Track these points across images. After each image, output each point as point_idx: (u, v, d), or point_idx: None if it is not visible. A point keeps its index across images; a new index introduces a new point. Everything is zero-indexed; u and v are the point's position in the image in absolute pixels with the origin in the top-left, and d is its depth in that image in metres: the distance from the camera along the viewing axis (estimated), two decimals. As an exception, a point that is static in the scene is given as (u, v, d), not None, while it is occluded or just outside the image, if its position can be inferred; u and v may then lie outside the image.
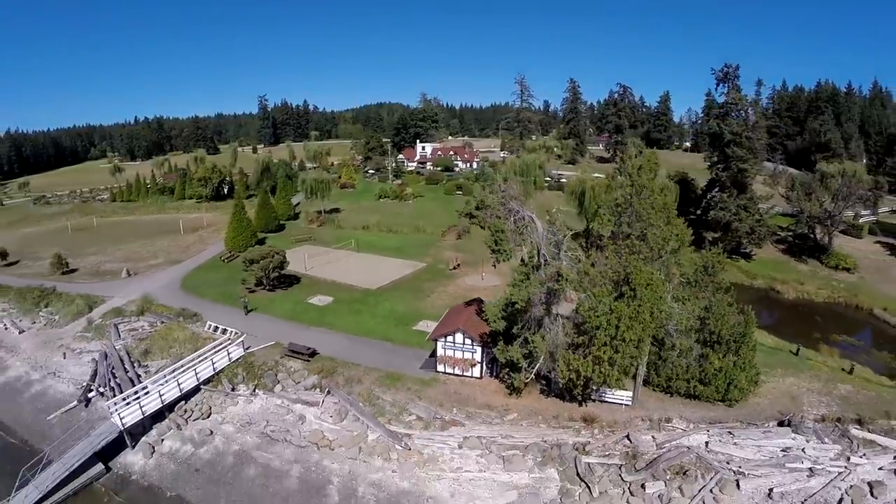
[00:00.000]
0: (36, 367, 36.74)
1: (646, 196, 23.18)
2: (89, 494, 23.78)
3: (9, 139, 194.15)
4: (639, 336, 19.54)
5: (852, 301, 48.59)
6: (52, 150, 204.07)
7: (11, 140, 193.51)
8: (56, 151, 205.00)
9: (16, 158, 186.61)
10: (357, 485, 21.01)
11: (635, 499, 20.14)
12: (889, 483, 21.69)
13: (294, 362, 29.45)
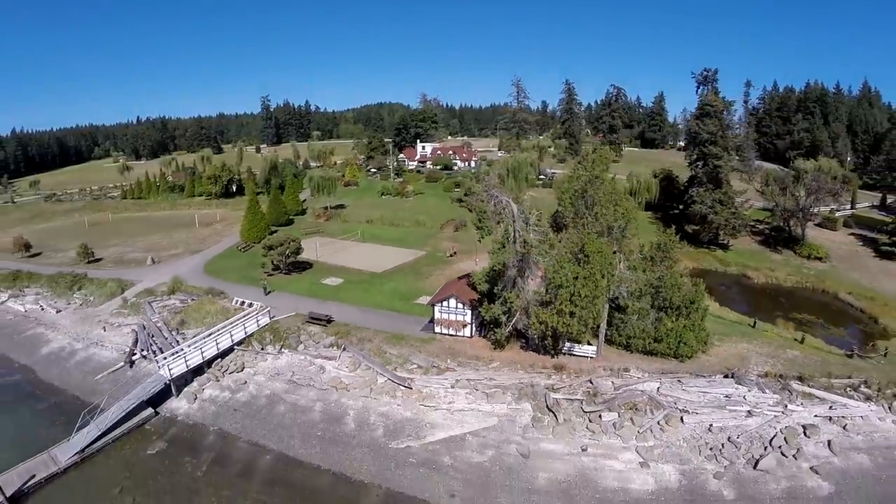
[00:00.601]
0: (78, 339, 42.28)
1: (598, 185, 28.78)
2: (141, 433, 29.24)
3: (15, 139, 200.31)
4: (592, 293, 25.08)
5: (819, 286, 53.72)
6: (57, 150, 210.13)
7: (17, 140, 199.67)
8: (61, 151, 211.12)
9: (22, 158, 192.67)
10: (369, 415, 26.58)
11: (593, 425, 25.66)
12: (823, 427, 26.83)
13: (313, 327, 35.10)
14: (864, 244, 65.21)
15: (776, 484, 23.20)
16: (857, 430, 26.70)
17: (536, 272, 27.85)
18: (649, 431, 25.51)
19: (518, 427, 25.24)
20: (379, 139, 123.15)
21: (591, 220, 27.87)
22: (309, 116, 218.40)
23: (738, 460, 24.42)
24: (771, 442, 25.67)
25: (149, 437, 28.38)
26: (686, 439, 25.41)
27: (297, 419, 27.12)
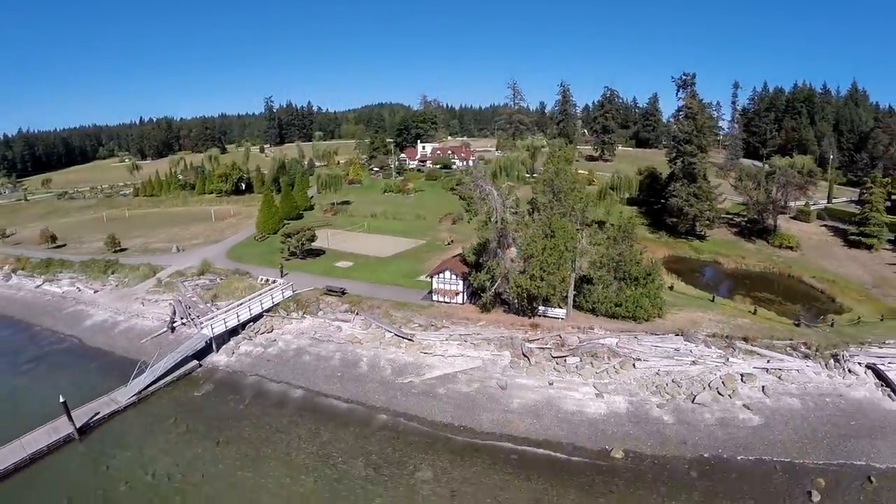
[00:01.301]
0: (118, 313, 49.25)
1: (562, 175, 35.68)
2: (188, 380, 36.11)
3: (22, 139, 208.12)
4: (557, 261, 31.97)
5: (786, 271, 60.24)
6: (63, 150, 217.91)
7: (25, 139, 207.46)
8: (66, 150, 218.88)
9: (29, 157, 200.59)
10: (379, 360, 33.53)
11: (559, 367, 32.50)
12: (759, 376, 33.34)
13: (330, 298, 42.07)
14: (835, 235, 71.54)
15: (710, 414, 29.78)
16: (791, 380, 33.16)
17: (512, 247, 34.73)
18: (606, 373, 32.30)
19: (498, 368, 32.10)
20: (381, 139, 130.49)
21: (557, 205, 34.70)
22: (311, 117, 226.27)
23: (679, 396, 31.10)
24: (710, 384, 32.32)
25: (196, 383, 35.28)
26: (636, 379, 32.17)
27: (320, 365, 34.03)
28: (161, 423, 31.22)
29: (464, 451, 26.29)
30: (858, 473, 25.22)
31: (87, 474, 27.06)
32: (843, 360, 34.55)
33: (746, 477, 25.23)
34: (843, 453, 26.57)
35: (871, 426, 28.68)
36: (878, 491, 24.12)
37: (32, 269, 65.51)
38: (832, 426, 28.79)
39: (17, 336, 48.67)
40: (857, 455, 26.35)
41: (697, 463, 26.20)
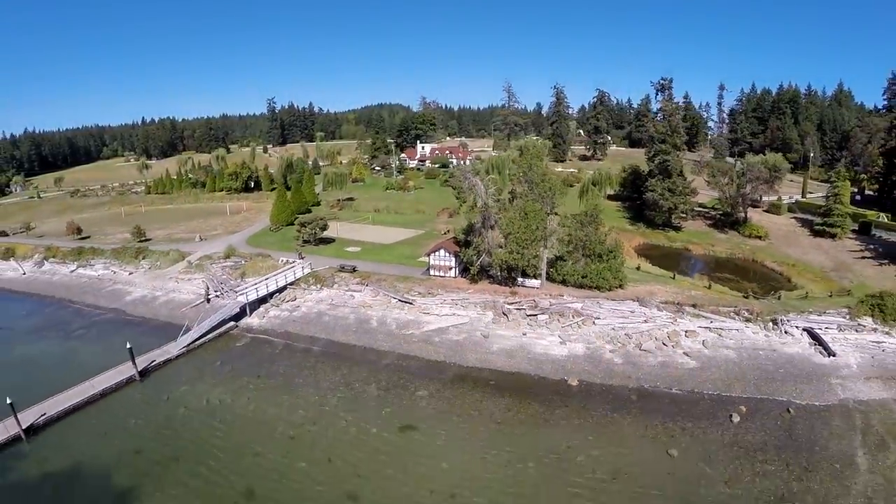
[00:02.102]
0: (155, 290, 57.89)
1: (534, 168, 44.37)
2: (227, 337, 44.75)
3: (28, 139, 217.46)
4: (530, 238, 40.54)
5: (750, 256, 68.41)
6: (68, 150, 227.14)
7: (31, 140, 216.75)
8: (71, 150, 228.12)
9: (36, 157, 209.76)
10: (386, 318, 42.27)
11: (532, 322, 41.06)
12: (702, 333, 41.45)
13: (343, 274, 50.82)
14: (803, 226, 79.49)
15: (654, 358, 38.22)
16: (730, 337, 41.40)
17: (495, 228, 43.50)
18: (570, 327, 40.89)
19: (482, 323, 40.77)
20: (382, 140, 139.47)
21: (531, 193, 43.32)
22: (313, 118, 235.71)
23: (629, 345, 39.60)
24: (657, 337, 40.77)
25: (234, 338, 43.96)
26: (595, 333, 40.71)
27: (337, 323, 42.73)
28: (209, 366, 39.85)
29: (453, 378, 34.95)
30: (779, 406, 32.69)
31: (151, 404, 35.43)
32: (781, 324, 42.64)
33: (678, 402, 33.55)
34: (767, 391, 34.28)
35: (797, 374, 36.20)
36: (794, 419, 31.40)
37: (64, 256, 74.13)
38: (761, 371, 36.73)
39: (62, 311, 57.13)
40: (780, 393, 33.98)
41: (638, 391, 34.69)
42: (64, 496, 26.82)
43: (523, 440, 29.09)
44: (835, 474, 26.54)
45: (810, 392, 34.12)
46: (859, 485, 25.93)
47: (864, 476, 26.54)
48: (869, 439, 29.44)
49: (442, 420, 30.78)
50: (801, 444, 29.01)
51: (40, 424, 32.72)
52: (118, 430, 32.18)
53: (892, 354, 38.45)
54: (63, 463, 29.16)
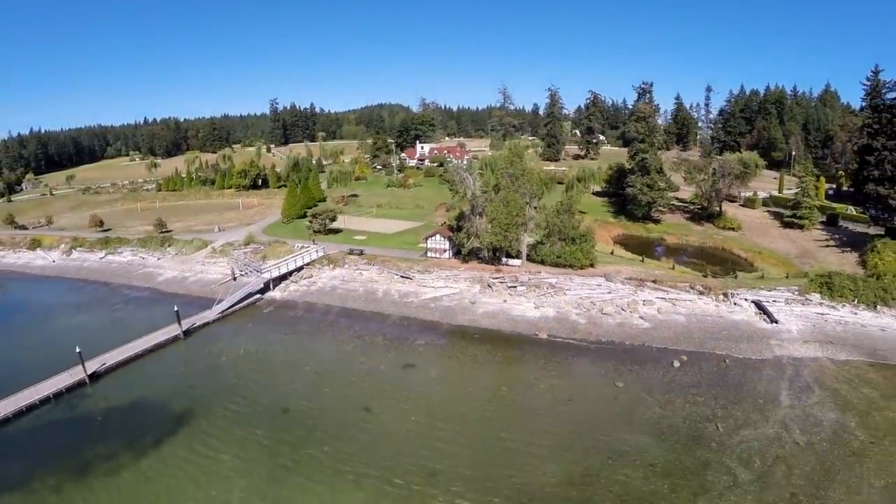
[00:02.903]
0: (185, 272, 67.22)
1: (515, 165, 53.85)
2: (254, 306, 54.15)
3: (35, 138, 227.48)
4: (511, 223, 50.04)
5: (720, 245, 77.20)
6: (73, 149, 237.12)
7: (38, 139, 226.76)
8: (76, 150, 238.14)
9: (42, 156, 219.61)
10: (390, 290, 51.80)
11: (512, 292, 50.40)
12: (658, 303, 50.64)
13: (352, 256, 60.35)
14: (775, 218, 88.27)
15: (613, 320, 47.37)
16: (683, 306, 50.51)
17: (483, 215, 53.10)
18: (543, 296, 50.24)
19: (470, 293, 50.24)
20: (383, 140, 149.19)
21: (513, 185, 52.74)
22: (314, 118, 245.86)
23: (593, 310, 48.82)
24: (617, 305, 49.98)
25: (260, 307, 53.44)
26: (564, 301, 50.01)
27: (349, 294, 52.27)
28: (242, 327, 49.32)
29: (445, 333, 44.46)
30: (717, 358, 41.07)
31: (196, 354, 44.75)
32: (731, 297, 51.58)
33: (629, 352, 42.59)
34: (708, 346, 42.95)
35: (739, 335, 44.75)
36: (729, 367, 39.81)
37: (91, 245, 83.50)
38: (706, 332, 45.54)
39: (100, 291, 66.29)
40: (720, 349, 42.49)
41: (596, 343, 43.87)
42: (127, 422, 34.75)
43: (499, 374, 38.46)
44: (757, 407, 34.29)
45: (748, 349, 42.47)
46: (778, 415, 33.61)
47: (784, 410, 34.17)
48: (796, 384, 37.17)
49: (435, 361, 40.26)
50: (731, 385, 37.17)
51: (101, 372, 41.52)
52: (170, 374, 41.47)
53: (833, 324, 46.43)
54: (123, 399, 37.73)
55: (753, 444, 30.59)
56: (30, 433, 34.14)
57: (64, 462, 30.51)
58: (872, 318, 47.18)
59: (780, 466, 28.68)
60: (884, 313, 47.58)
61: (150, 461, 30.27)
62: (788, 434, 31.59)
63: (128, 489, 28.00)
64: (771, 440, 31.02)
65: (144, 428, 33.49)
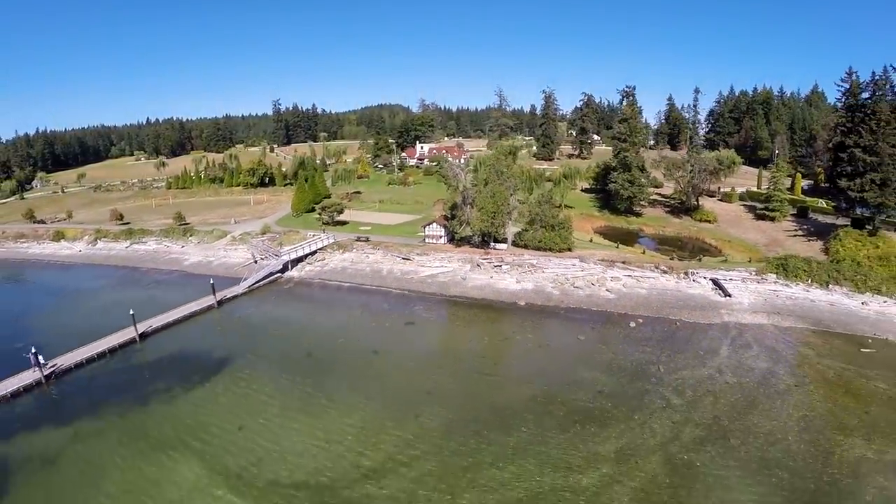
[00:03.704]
0: (209, 257, 77.09)
1: (501, 161, 63.98)
2: (275, 283, 64.00)
3: (41, 138, 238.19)
4: (497, 210, 60.01)
5: (694, 235, 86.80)
6: (78, 149, 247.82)
7: (44, 139, 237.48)
8: (81, 149, 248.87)
9: (49, 155, 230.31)
10: (393, 269, 61.92)
11: (497, 270, 60.30)
12: (624, 279, 60.58)
13: (359, 243, 70.46)
14: (749, 211, 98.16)
15: (583, 292, 57.20)
16: (646, 282, 60.20)
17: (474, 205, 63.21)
18: (525, 273, 60.15)
19: (462, 271, 60.18)
20: (385, 140, 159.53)
21: (499, 179, 62.81)
22: (316, 118, 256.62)
23: (566, 284, 58.66)
24: (588, 280, 59.85)
25: (281, 284, 63.40)
26: (542, 277, 59.89)
27: (357, 272, 62.27)
28: (265, 299, 59.19)
29: (440, 301, 54.52)
30: (670, 321, 50.41)
31: (229, 319, 54.48)
32: (690, 275, 61.56)
33: (593, 315, 52.25)
34: (663, 313, 52.35)
35: (693, 305, 54.25)
36: (679, 328, 49.09)
37: (114, 236, 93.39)
38: (663, 302, 55.20)
39: (131, 274, 75.66)
40: (674, 314, 51.84)
41: (566, 308, 53.65)
42: (175, 367, 43.74)
43: (483, 329, 48.45)
44: (698, 356, 43.25)
45: (700, 315, 51.59)
46: (715, 362, 42.19)
47: (721, 359, 42.84)
48: (737, 342, 45.68)
49: (431, 320, 50.37)
50: (678, 341, 46.43)
51: (149, 332, 50.90)
52: (209, 333, 51.24)
53: (784, 298, 55.29)
54: (171, 351, 46.88)
55: (688, 380, 39.41)
56: (95, 377, 42.75)
57: (125, 396, 38.86)
58: (822, 295, 55.60)
59: (709, 397, 37.15)
60: (835, 291, 56.11)
61: (198, 394, 39.15)
62: (721, 376, 40.16)
63: (180, 413, 36.32)
64: (704, 379, 39.72)
65: (191, 371, 42.53)
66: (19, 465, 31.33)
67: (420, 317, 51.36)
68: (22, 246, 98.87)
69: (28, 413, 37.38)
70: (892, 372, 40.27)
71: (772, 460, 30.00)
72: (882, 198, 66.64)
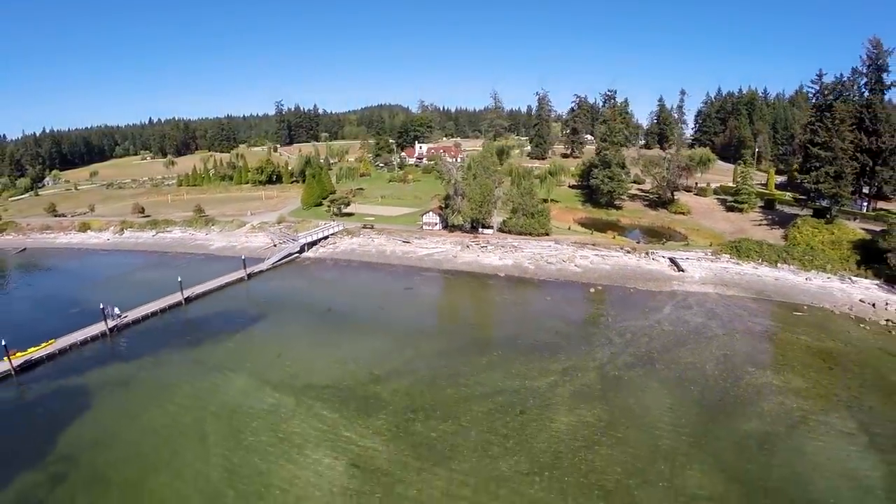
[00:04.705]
0: (232, 242, 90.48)
1: (486, 159, 77.36)
2: (294, 262, 77.42)
3: (49, 137, 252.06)
4: (483, 199, 73.28)
5: (667, 225, 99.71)
6: (84, 148, 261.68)
7: (52, 138, 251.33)
8: (87, 149, 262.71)
9: (56, 154, 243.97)
10: (395, 250, 75.91)
11: (483, 250, 73.54)
12: (592, 258, 73.79)
13: (365, 229, 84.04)
14: (721, 204, 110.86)
15: (554, 268, 70.51)
16: (611, 260, 73.23)
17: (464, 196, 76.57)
18: (506, 252, 73.55)
19: (454, 251, 73.81)
20: (385, 140, 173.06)
21: (484, 174, 76.15)
22: (317, 119, 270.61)
23: (541, 261, 72.01)
24: (560, 258, 72.91)
25: (299, 263, 76.91)
26: (521, 255, 73.28)
27: (364, 253, 75.92)
28: (287, 274, 72.72)
29: (435, 273, 68.33)
30: (626, 289, 63.70)
31: (259, 287, 67.82)
32: (651, 254, 74.65)
33: (560, 284, 65.52)
34: (620, 282, 65.67)
35: (648, 277, 67.66)
36: (632, 294, 62.35)
37: (140, 227, 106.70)
38: (622, 275, 68.41)
39: (162, 257, 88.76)
40: (630, 284, 65.14)
41: (538, 279, 66.96)
42: (218, 321, 56.74)
43: (469, 293, 62.15)
44: (643, 313, 55.97)
45: (653, 285, 64.55)
46: (657, 317, 55.10)
47: (663, 314, 55.54)
48: (680, 304, 58.48)
49: (427, 286, 64.18)
50: (629, 302, 59.83)
51: (193, 297, 63.95)
52: (243, 298, 64.54)
53: (733, 274, 67.59)
54: (214, 311, 60.14)
55: (630, 328, 51.98)
56: (150, 330, 55.35)
57: (179, 340, 51.46)
58: (769, 272, 67.41)
59: (645, 338, 49.47)
60: (782, 269, 67.79)
61: (240, 336, 52.15)
62: (659, 325, 52.80)
63: (228, 348, 49.26)
64: (644, 327, 52.25)
65: (233, 322, 55.74)
66: (98, 387, 42.93)
67: (417, 285, 64.82)
68: (49, 236, 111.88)
69: (98, 355, 49.59)
70: (817, 330, 50.48)
71: (688, 380, 41.61)
72: (837, 189, 76.64)
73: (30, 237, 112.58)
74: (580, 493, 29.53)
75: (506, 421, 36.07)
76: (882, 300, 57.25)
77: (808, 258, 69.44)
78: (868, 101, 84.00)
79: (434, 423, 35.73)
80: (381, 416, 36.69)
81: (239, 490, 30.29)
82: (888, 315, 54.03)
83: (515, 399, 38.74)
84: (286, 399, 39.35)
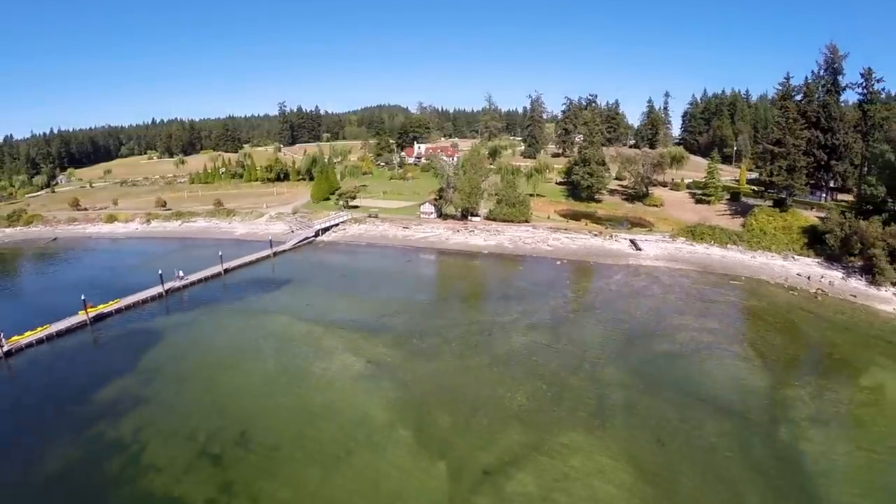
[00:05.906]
0: (254, 229, 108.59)
1: (474, 157, 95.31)
2: (310, 245, 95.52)
3: (58, 137, 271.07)
4: (472, 191, 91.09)
5: (639, 216, 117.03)
6: (91, 148, 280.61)
7: (60, 138, 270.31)
8: (94, 148, 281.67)
9: (65, 154, 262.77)
10: (396, 234, 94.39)
11: (471, 233, 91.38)
12: (563, 239, 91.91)
13: (370, 218, 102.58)
14: (692, 197, 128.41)
15: (529, 247, 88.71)
16: (579, 241, 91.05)
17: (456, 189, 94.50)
18: (490, 235, 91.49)
19: (446, 235, 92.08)
20: (386, 140, 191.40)
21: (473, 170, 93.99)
22: (319, 119, 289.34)
23: (519, 242, 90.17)
24: (535, 239, 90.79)
25: (315, 245, 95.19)
26: (503, 238, 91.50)
27: (370, 236, 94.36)
28: (305, 253, 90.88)
29: (430, 252, 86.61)
30: (586, 262, 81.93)
31: (283, 262, 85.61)
32: (614, 237, 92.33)
33: (533, 259, 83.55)
34: (583, 258, 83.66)
35: (609, 254, 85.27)
36: (592, 266, 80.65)
37: (165, 218, 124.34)
38: (586, 252, 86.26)
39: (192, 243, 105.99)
40: (592, 259, 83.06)
41: (515, 256, 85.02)
42: (253, 286, 74.07)
43: (457, 265, 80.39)
44: (598, 279, 74.31)
45: (611, 260, 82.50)
46: (608, 282, 72.25)
47: (614, 280, 73.21)
48: (631, 273, 76.38)
49: (422, 260, 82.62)
50: (588, 272, 78.00)
51: (230, 269, 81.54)
52: (271, 270, 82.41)
53: (685, 252, 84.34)
54: (249, 280, 77.30)
55: (584, 288, 70.72)
56: (198, 294, 72.46)
57: (223, 298, 69.22)
58: (718, 251, 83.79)
59: (592, 294, 67.97)
60: (731, 249, 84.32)
61: (274, 294, 69.77)
62: (608, 287, 70.69)
63: (265, 301, 66.66)
64: (595, 287, 70.65)
65: (266, 286, 73.58)
66: (165, 328, 58.43)
67: (414, 258, 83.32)
68: (77, 227, 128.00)
69: (159, 309, 65.73)
70: (748, 294, 64.42)
71: (620, 320, 58.55)
72: (790, 181, 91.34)
73: (58, 228, 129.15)
74: (525, 377, 46.59)
75: (477, 339, 53.67)
76: (818, 274, 69.57)
77: (755, 240, 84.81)
78: (824, 102, 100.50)
79: (425, 339, 53.49)
80: (387, 335, 54.32)
81: (290, 374, 47.54)
82: (820, 286, 66.05)
83: (485, 327, 56.45)
84: (317, 328, 56.92)
